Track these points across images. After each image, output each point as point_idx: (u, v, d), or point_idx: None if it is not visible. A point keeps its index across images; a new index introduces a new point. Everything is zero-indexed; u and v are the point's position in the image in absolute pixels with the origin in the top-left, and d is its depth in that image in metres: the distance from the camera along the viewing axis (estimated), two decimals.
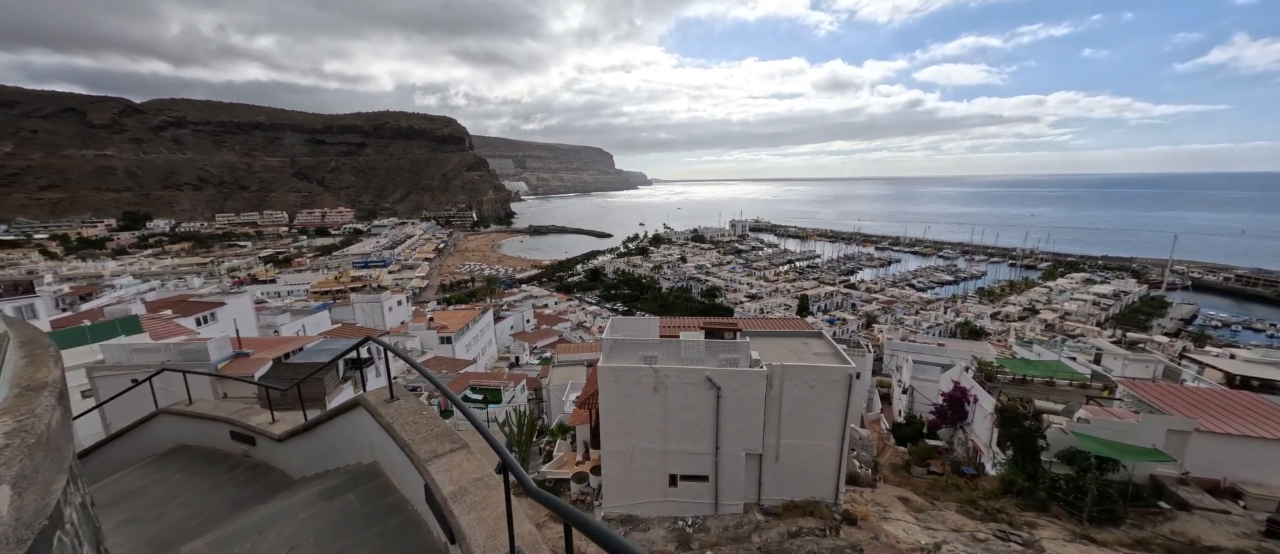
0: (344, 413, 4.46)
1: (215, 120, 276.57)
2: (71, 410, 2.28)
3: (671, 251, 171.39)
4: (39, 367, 2.27)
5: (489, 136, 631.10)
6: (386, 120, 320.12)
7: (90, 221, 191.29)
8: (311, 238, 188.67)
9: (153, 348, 17.44)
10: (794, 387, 11.21)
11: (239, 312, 34.34)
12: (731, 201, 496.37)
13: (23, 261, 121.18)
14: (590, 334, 74.97)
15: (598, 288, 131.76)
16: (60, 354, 2.53)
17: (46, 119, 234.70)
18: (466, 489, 2.81)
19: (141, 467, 6.20)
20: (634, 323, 13.39)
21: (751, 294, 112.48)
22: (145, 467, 6.20)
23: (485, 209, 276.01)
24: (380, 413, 3.76)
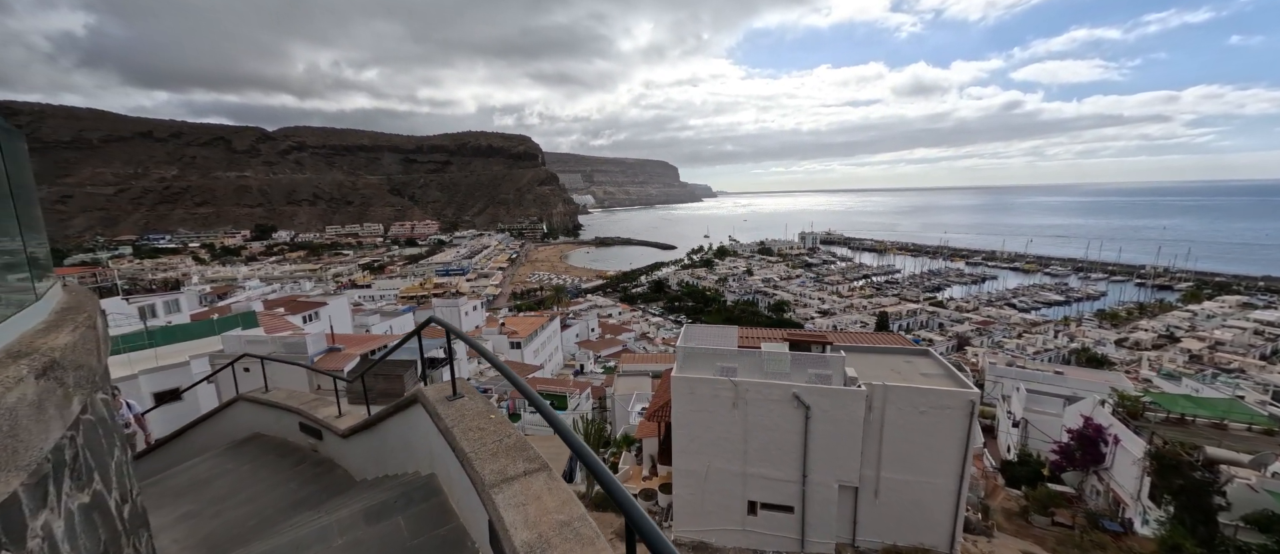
0: (402, 410, 4.00)
1: (328, 144, 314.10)
2: (73, 403, 1.86)
3: (737, 264, 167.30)
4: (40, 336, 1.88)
5: (559, 153, 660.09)
6: (469, 140, 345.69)
7: (230, 232, 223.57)
8: (402, 247, 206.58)
9: (263, 340, 19.14)
10: (900, 411, 9.63)
11: (337, 311, 37.70)
12: (801, 213, 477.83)
13: (179, 266, 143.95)
14: (654, 345, 74.30)
15: (661, 299, 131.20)
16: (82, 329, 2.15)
17: (202, 147, 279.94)
18: (549, 539, 1.93)
19: (218, 453, 6.33)
20: (710, 331, 12.43)
21: (823, 309, 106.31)
22: (221, 454, 6.32)
23: (555, 221, 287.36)
24: (439, 413, 3.10)
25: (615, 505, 1.63)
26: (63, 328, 1.92)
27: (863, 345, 12.32)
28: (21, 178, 2.35)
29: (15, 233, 2.02)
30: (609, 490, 1.65)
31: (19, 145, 2.52)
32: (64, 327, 1.95)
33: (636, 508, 1.45)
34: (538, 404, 2.27)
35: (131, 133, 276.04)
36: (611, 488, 1.65)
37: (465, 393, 3.49)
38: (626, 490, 1.62)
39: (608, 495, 1.69)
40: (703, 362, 10.86)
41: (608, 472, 1.76)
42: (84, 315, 2.17)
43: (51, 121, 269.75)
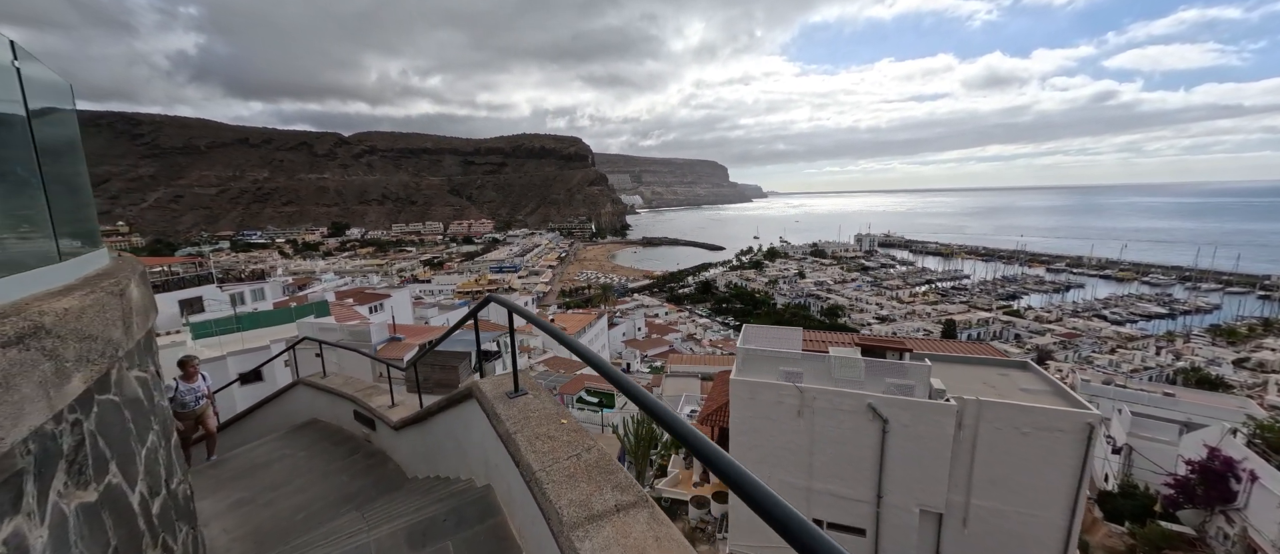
0: (455, 405, 3.52)
1: (395, 148, 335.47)
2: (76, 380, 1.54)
3: (788, 266, 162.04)
4: None
5: (609, 153, 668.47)
6: (523, 142, 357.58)
7: (310, 229, 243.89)
8: (459, 245, 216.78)
9: (333, 328, 20.27)
10: (997, 431, 8.41)
11: (400, 304, 39.79)
12: (857, 214, 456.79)
13: (267, 259, 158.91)
14: (701, 346, 73.12)
15: (708, 300, 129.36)
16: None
17: (288, 151, 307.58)
18: None
19: (277, 438, 6.45)
20: (772, 332, 11.60)
21: (881, 316, 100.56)
22: (280, 438, 6.43)
23: (603, 221, 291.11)
24: (497, 412, 2.60)
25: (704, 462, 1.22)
26: (73, 293, 1.64)
27: (948, 354, 11.01)
28: (57, 132, 2.13)
29: (34, 184, 1.77)
30: (703, 450, 1.14)
31: (62, 103, 2.34)
32: (75, 291, 1.66)
33: (730, 460, 1.09)
34: (608, 371, 1.80)
35: (231, 139, 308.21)
36: (708, 451, 1.15)
37: (529, 388, 3.00)
38: (717, 449, 1.17)
39: (695, 451, 1.27)
40: (764, 364, 10.09)
41: (698, 434, 1.26)
42: (110, 282, 1.90)
43: (168, 130, 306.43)
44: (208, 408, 6.74)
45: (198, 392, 6.67)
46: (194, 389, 6.67)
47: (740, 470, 1.03)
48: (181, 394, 6.53)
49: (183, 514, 2.51)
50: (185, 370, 6.72)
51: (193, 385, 6.67)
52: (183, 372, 6.73)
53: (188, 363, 6.74)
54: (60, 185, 2.02)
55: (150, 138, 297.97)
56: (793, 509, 0.93)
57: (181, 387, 6.59)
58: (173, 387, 6.46)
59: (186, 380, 6.66)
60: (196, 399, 6.63)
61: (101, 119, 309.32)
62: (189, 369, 6.75)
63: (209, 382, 6.96)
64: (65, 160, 2.21)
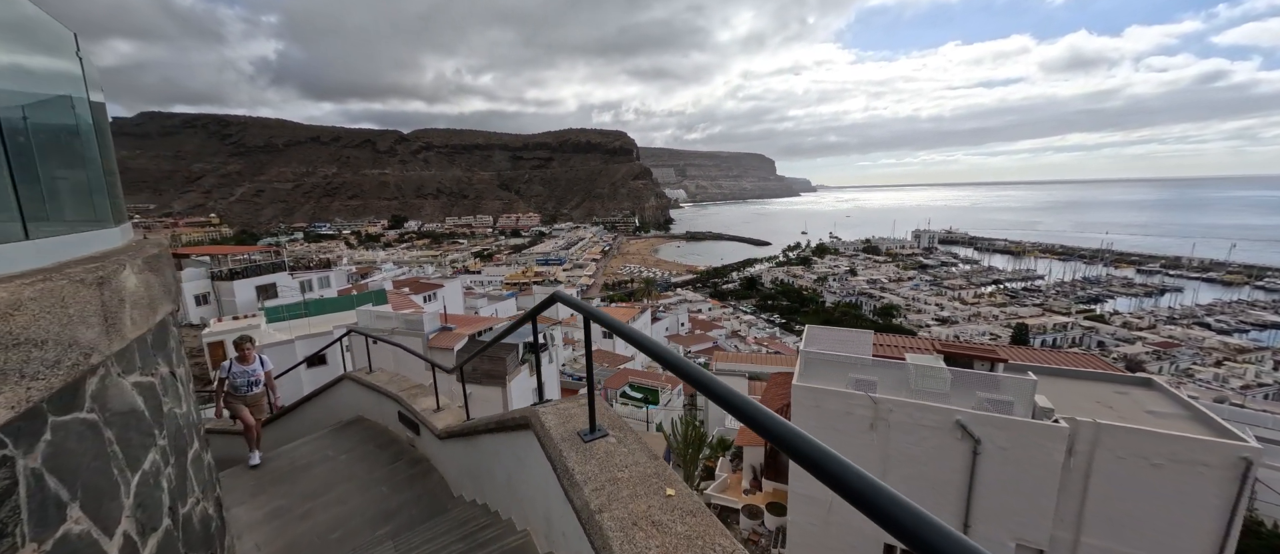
0: (506, 431, 2.88)
1: (449, 144, 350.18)
2: None
3: (838, 263, 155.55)
4: None
5: (653, 147, 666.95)
6: (569, 137, 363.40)
7: (373, 222, 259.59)
8: (508, 238, 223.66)
9: (389, 316, 21.04)
10: (1120, 461, 7.13)
11: (452, 294, 41.17)
12: (914, 209, 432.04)
13: (333, 249, 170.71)
14: (746, 343, 71.36)
15: (753, 296, 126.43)
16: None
17: (354, 148, 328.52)
18: None
19: (322, 435, 6.14)
20: (839, 335, 10.61)
21: (941, 317, 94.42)
22: (325, 436, 6.11)
23: (647, 215, 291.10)
24: (569, 468, 1.93)
25: None
26: (14, 282, 1.22)
27: (1047, 366, 9.57)
28: None
29: None
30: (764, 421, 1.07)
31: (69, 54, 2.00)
32: (21, 281, 1.25)
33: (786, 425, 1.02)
34: (669, 358, 1.26)
35: (305, 138, 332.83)
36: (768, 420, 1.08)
37: (611, 429, 2.31)
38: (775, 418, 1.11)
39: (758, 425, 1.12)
40: (830, 370, 9.19)
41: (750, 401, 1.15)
42: (85, 267, 1.50)
43: (252, 129, 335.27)
44: (262, 397, 6.18)
45: (252, 375, 6.11)
46: (248, 372, 6.09)
47: (822, 449, 0.90)
48: (234, 377, 6.06)
49: (199, 543, 2.16)
50: (240, 351, 6.13)
51: (248, 368, 6.10)
52: (238, 353, 6.16)
53: (243, 344, 6.13)
54: (31, 144, 1.67)
55: (237, 137, 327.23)
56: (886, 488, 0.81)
57: (235, 368, 6.09)
58: (226, 367, 6.11)
59: (242, 362, 6.10)
60: (249, 383, 6.06)
61: (197, 121, 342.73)
62: (244, 350, 6.13)
63: (268, 366, 6.35)
64: (50, 115, 1.87)
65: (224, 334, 23.26)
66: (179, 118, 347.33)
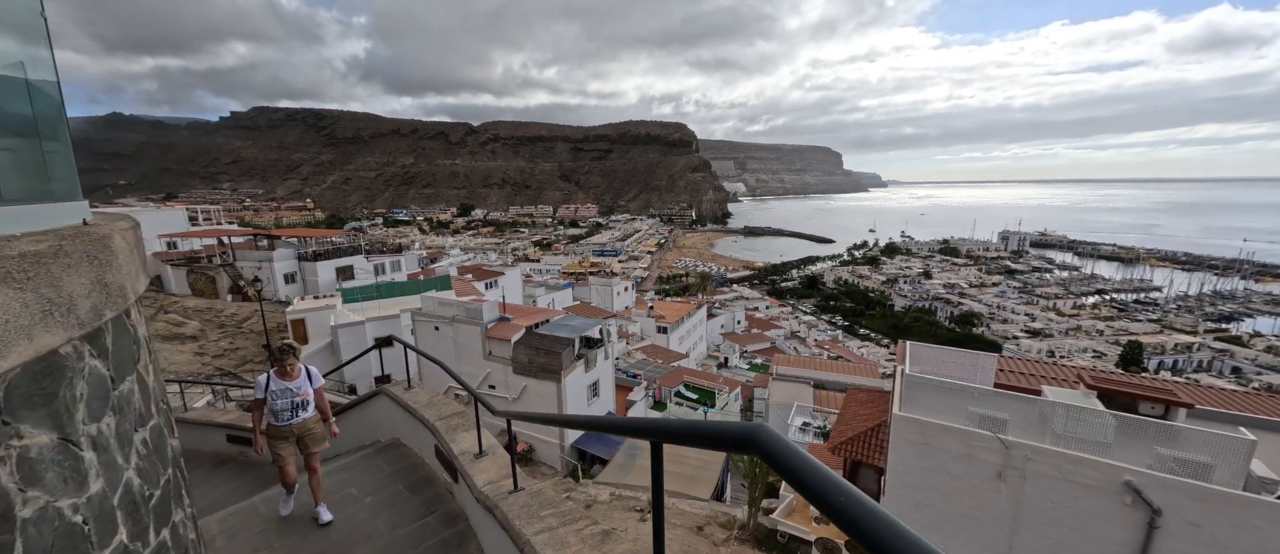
0: None
1: (515, 136, 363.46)
2: None
3: (910, 264, 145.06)
4: None
5: (713, 139, 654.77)
6: (629, 128, 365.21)
7: (443, 210, 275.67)
8: (566, 228, 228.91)
9: (451, 302, 21.39)
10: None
11: (511, 282, 42.04)
12: (1001, 208, 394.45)
13: (407, 234, 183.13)
14: (805, 346, 67.88)
15: (814, 296, 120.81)
16: None
17: (429, 140, 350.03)
18: None
19: (352, 462, 5.13)
20: (949, 356, 8.90)
21: (1032, 329, 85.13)
22: (355, 463, 5.09)
23: (704, 209, 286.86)
24: None
25: None
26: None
27: (1244, 414, 7.32)
28: None
29: None
30: None
31: None
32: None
33: None
34: None
35: (387, 130, 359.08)
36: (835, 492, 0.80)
37: None
38: None
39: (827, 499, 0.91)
40: (941, 398, 7.63)
41: None
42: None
43: (343, 122, 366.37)
44: (315, 427, 4.53)
45: (296, 394, 4.44)
46: (291, 391, 4.41)
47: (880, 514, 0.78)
48: (273, 399, 4.39)
49: None
50: (281, 364, 4.46)
51: (291, 385, 4.42)
52: (278, 366, 4.47)
53: (287, 356, 4.50)
54: None
55: (330, 129, 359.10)
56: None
57: (274, 386, 4.39)
58: (261, 384, 4.46)
59: (282, 377, 4.42)
60: (294, 407, 4.42)
61: (298, 115, 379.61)
62: (287, 364, 4.47)
63: (320, 381, 4.68)
64: None
65: (305, 312, 24.79)
66: (283, 112, 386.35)
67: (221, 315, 27.45)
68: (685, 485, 16.52)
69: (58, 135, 1.83)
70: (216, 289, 31.58)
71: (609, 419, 2.23)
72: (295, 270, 32.74)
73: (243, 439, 5.83)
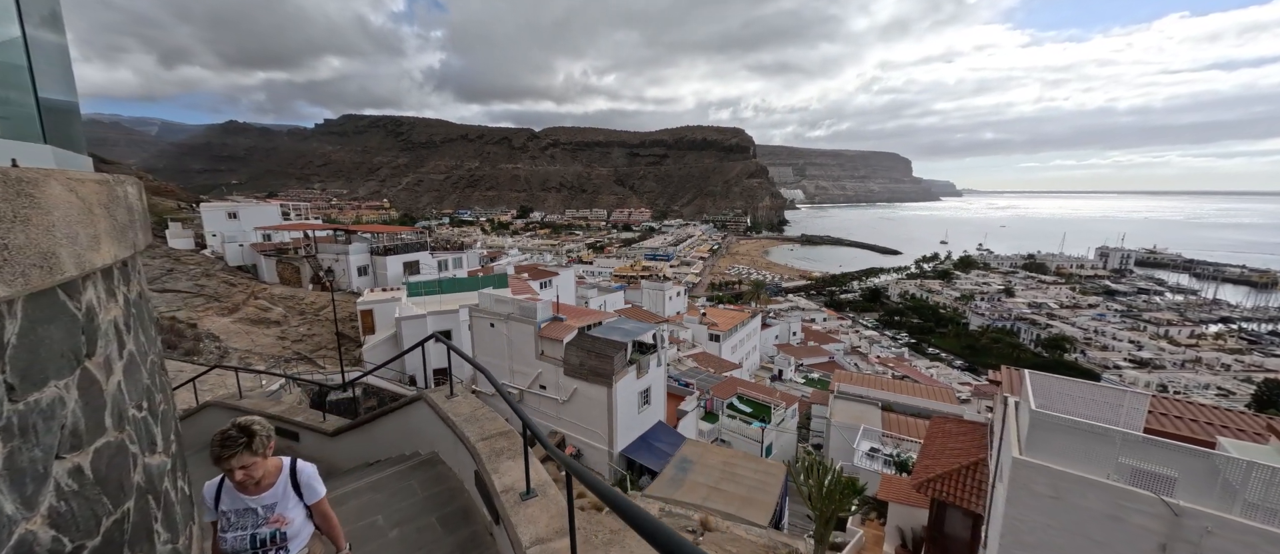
0: None
1: (573, 141, 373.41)
2: None
3: (988, 280, 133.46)
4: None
5: (772, 145, 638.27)
6: (685, 134, 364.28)
7: (505, 211, 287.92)
8: (619, 231, 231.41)
9: (507, 300, 21.58)
10: None
11: (565, 282, 42.44)
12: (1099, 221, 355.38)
13: (470, 234, 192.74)
14: (867, 362, 63.63)
15: (877, 310, 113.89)
16: None
17: (493, 145, 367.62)
18: None
19: (384, 478, 4.32)
20: (1084, 392, 7.32)
21: (1138, 359, 75.26)
22: (387, 481, 4.29)
23: (759, 215, 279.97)
24: None
25: None
26: None
27: None
28: None
29: None
30: None
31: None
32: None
33: None
34: None
35: (456, 136, 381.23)
36: None
37: None
38: None
39: None
40: (1076, 443, 6.21)
41: None
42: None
43: (418, 128, 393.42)
44: None
45: (262, 519, 2.42)
46: (255, 513, 2.42)
47: None
48: (224, 525, 2.37)
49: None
50: (229, 463, 2.26)
51: (255, 502, 2.43)
52: (223, 462, 2.27)
53: (230, 452, 2.24)
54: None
55: (406, 135, 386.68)
56: None
57: (227, 504, 2.39)
58: (209, 494, 2.41)
59: (241, 489, 2.40)
60: (260, 545, 2.40)
61: (379, 122, 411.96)
62: (234, 465, 2.29)
63: (315, 494, 2.69)
64: None
65: (374, 303, 26.06)
66: (367, 119, 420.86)
67: (303, 303, 29.58)
68: (739, 507, 15.39)
69: None
70: (300, 278, 34.17)
71: None
72: (367, 263, 34.78)
73: (290, 434, 5.67)
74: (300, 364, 21.48)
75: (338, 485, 4.27)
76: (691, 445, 17.94)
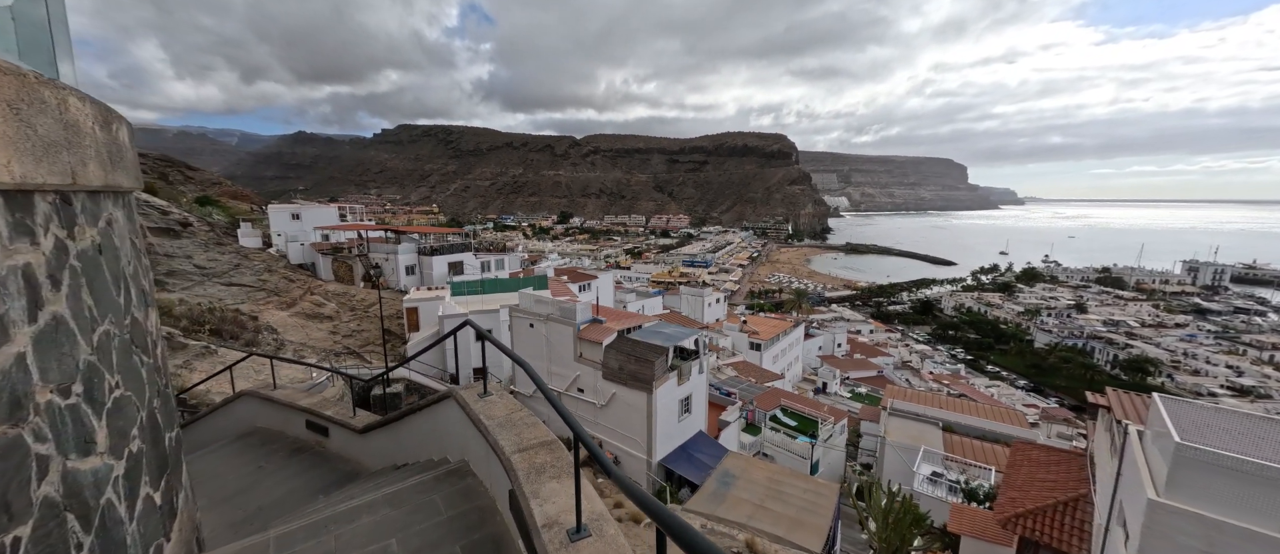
0: None
1: (613, 148, 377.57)
2: None
3: (1056, 294, 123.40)
4: None
5: (815, 151, 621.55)
6: (725, 140, 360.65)
7: (546, 217, 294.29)
8: (657, 238, 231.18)
9: (546, 301, 21.42)
10: None
11: (604, 286, 42.27)
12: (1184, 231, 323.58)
13: (513, 238, 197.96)
14: (919, 378, 59.77)
15: (929, 323, 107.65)
16: None
17: (536, 152, 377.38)
18: None
19: (403, 492, 3.66)
20: (1231, 424, 5.99)
21: (1238, 386, 67.09)
22: (408, 494, 3.63)
23: (801, 223, 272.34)
24: None
25: None
26: None
27: None
28: None
29: None
30: None
31: None
32: None
33: None
34: None
35: (501, 144, 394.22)
36: None
37: None
38: None
39: None
40: (1235, 487, 4.99)
41: None
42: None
43: (466, 137, 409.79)
44: None
45: None
46: None
47: None
48: None
49: None
50: None
51: None
52: None
53: None
54: None
55: (455, 143, 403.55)
56: None
57: None
58: None
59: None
60: None
61: (431, 131, 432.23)
62: None
63: None
64: None
65: (419, 301, 26.64)
66: (420, 129, 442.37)
67: (354, 299, 30.75)
68: (789, 529, 14.26)
69: None
70: (353, 276, 35.65)
71: None
72: (415, 263, 35.86)
73: (320, 428, 5.38)
74: (349, 358, 22.15)
75: (354, 494, 3.72)
76: (734, 458, 16.98)
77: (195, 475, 5.20)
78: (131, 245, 1.86)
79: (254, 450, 5.43)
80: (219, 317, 21.56)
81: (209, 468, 5.16)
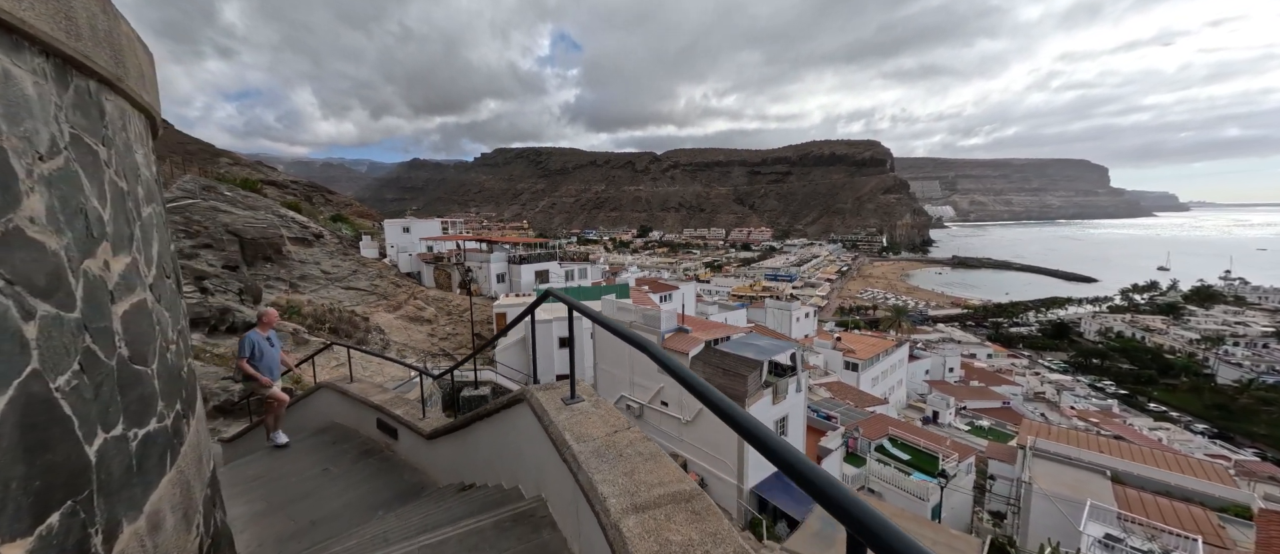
0: None
1: (693, 162, 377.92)
2: None
3: (1243, 318, 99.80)
4: None
5: (913, 157, 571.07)
6: (811, 149, 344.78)
7: (626, 231, 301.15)
8: (738, 251, 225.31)
9: (629, 308, 20.81)
10: None
11: (685, 297, 41.20)
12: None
13: (595, 250, 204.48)
14: (1058, 413, 50.46)
15: (1065, 349, 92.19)
16: None
17: (617, 169, 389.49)
18: None
19: (445, 544, 2.47)
20: None
21: None
22: (452, 545, 2.46)
23: (898, 234, 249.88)
24: None
25: None
26: None
27: None
28: None
29: None
30: None
31: None
32: None
33: None
34: None
35: (586, 163, 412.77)
36: None
37: None
38: None
39: None
40: None
41: None
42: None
43: (554, 157, 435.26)
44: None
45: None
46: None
47: None
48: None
49: None
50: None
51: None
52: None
53: None
54: None
55: (544, 163, 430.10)
56: None
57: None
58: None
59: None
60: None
61: (523, 154, 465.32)
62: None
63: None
64: None
65: (507, 307, 27.45)
66: (514, 152, 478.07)
67: (450, 304, 32.69)
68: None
69: None
70: (451, 283, 38.15)
71: None
72: (505, 271, 37.51)
73: (389, 428, 4.81)
74: (442, 360, 23.22)
75: (406, 520, 2.65)
76: None
77: (268, 471, 5.11)
78: None
79: (326, 449, 5.10)
80: (338, 316, 23.76)
81: (278, 466, 4.83)
